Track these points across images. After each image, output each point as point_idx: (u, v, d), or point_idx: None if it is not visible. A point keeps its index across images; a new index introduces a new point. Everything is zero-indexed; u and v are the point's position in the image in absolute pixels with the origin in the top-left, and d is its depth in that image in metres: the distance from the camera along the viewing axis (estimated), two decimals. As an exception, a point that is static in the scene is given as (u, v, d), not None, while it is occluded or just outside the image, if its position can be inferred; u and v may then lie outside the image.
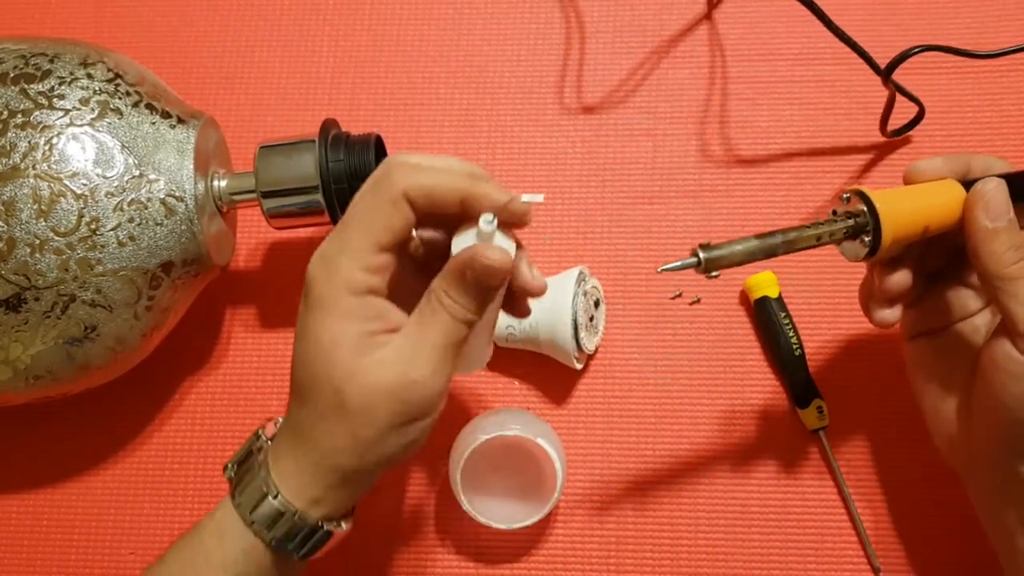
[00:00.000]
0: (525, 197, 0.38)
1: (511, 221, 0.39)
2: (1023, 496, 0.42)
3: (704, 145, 0.60)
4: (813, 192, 0.59)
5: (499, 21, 0.64)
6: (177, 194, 0.49)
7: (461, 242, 0.39)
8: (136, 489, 0.56)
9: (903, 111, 0.57)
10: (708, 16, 0.63)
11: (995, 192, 0.40)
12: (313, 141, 0.51)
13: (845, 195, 0.42)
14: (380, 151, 0.54)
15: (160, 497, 0.56)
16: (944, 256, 0.46)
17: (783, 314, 0.55)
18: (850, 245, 0.42)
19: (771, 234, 0.39)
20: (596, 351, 0.56)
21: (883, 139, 0.58)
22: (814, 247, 0.41)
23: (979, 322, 0.45)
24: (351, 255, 0.37)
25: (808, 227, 0.40)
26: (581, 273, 0.53)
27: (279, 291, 0.59)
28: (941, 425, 0.46)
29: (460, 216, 0.39)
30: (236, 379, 0.58)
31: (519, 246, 0.40)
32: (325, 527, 0.40)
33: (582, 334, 0.52)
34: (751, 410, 0.55)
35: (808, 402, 0.54)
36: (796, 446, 0.54)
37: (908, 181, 0.44)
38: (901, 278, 0.43)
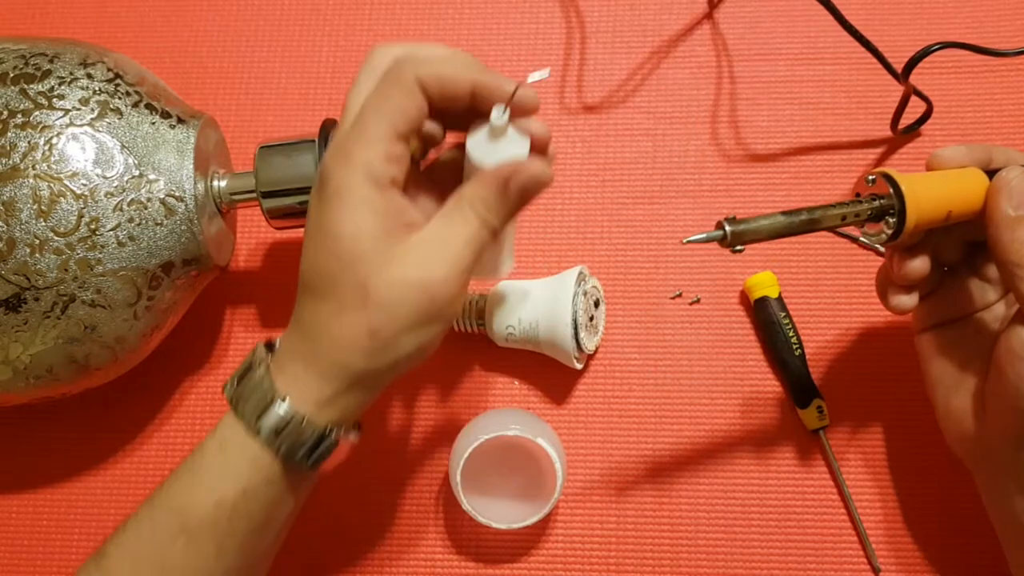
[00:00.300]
0: (532, 76, 0.38)
1: (522, 109, 0.38)
2: None
3: (704, 145, 0.60)
4: (813, 192, 0.59)
5: (499, 21, 0.64)
6: (177, 194, 0.49)
7: (478, 141, 0.38)
8: (136, 489, 0.56)
9: (910, 109, 0.56)
10: (709, 16, 0.63)
11: (1020, 180, 0.41)
12: (313, 141, 0.51)
13: (871, 177, 0.42)
14: (380, 151, 0.54)
15: (160, 497, 0.56)
16: (959, 248, 0.46)
17: (783, 314, 0.55)
18: (873, 227, 0.42)
19: (797, 211, 0.39)
20: (596, 351, 0.56)
21: (882, 137, 0.58)
22: (838, 227, 0.41)
23: (994, 314, 0.46)
24: (369, 143, 0.36)
25: (833, 206, 0.40)
26: (581, 273, 0.53)
27: (279, 291, 0.59)
28: (952, 417, 0.46)
29: (465, 108, 0.38)
30: (236, 379, 0.58)
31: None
32: (333, 434, 0.39)
33: (582, 334, 0.52)
34: (751, 410, 0.55)
35: (808, 402, 0.54)
36: (796, 446, 0.54)
37: (930, 168, 0.44)
38: (920, 264, 0.44)
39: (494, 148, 0.38)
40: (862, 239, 0.57)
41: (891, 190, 0.41)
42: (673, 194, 0.59)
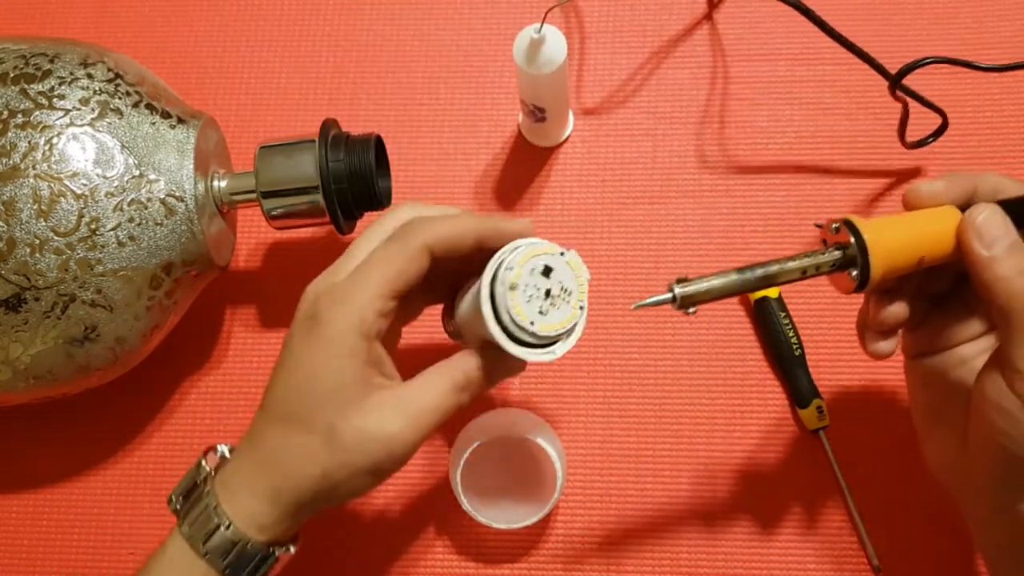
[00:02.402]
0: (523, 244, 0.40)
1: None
2: (1020, 533, 0.40)
3: (704, 145, 0.60)
4: (813, 192, 0.59)
5: (499, 21, 0.64)
6: (177, 194, 0.49)
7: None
8: (136, 489, 0.56)
9: (924, 119, 0.56)
10: (708, 17, 0.63)
11: (987, 219, 0.38)
12: (313, 141, 0.51)
13: (835, 225, 0.40)
14: (380, 151, 0.54)
15: (160, 497, 0.56)
16: (949, 278, 0.43)
17: (783, 314, 0.55)
18: (839, 278, 0.40)
19: (751, 268, 0.38)
20: (567, 332, 0.40)
21: (883, 137, 0.58)
22: (799, 280, 0.39)
23: (980, 346, 0.43)
24: (367, 297, 0.38)
25: (793, 260, 0.39)
26: (516, 245, 0.40)
27: (279, 291, 0.59)
28: (935, 447, 0.44)
29: (469, 255, 0.41)
30: (236, 379, 0.58)
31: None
32: (275, 552, 0.41)
33: (514, 311, 0.38)
34: (751, 410, 0.55)
35: (808, 402, 0.54)
36: (796, 446, 0.54)
37: (907, 205, 0.41)
38: (897, 310, 0.42)
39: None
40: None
41: (853, 240, 0.39)
42: (673, 194, 0.59)
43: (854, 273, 0.39)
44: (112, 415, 0.57)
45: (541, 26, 0.50)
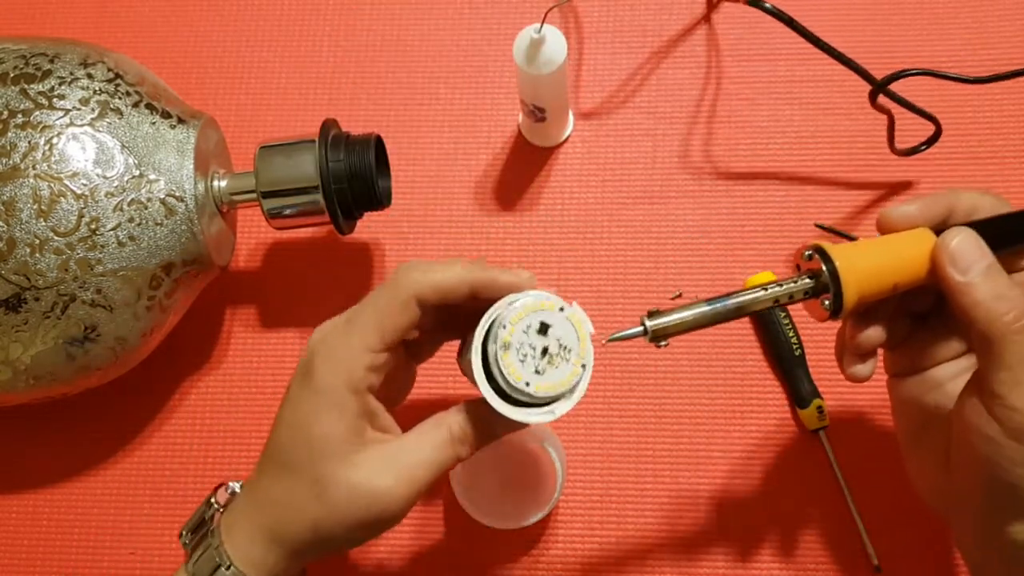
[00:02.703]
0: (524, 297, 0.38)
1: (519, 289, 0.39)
2: (1010, 555, 0.39)
3: (704, 145, 0.60)
4: (813, 192, 0.59)
5: (499, 21, 0.64)
6: (177, 194, 0.49)
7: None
8: (136, 489, 0.56)
9: (919, 124, 0.56)
10: (707, 17, 0.63)
11: (960, 244, 0.37)
12: (313, 141, 0.51)
13: (807, 252, 0.39)
14: (380, 151, 0.54)
15: (160, 497, 0.56)
16: (930, 297, 0.42)
17: (783, 314, 0.55)
18: (813, 306, 0.39)
19: (723, 298, 0.38)
20: (572, 390, 0.38)
21: (884, 136, 0.58)
22: (772, 308, 0.39)
23: (962, 366, 0.42)
24: (357, 351, 0.38)
25: (764, 288, 0.38)
26: (518, 298, 0.38)
27: (279, 291, 0.59)
28: (920, 469, 0.43)
29: (465, 304, 0.40)
30: (236, 379, 0.58)
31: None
32: None
33: (503, 364, 0.36)
34: (751, 410, 0.55)
35: (808, 402, 0.54)
36: (796, 446, 0.54)
37: (881, 228, 0.40)
38: (873, 334, 0.41)
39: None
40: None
41: (824, 268, 0.38)
42: (673, 194, 0.59)
43: (827, 302, 0.38)
44: (112, 415, 0.57)
45: (541, 26, 0.50)
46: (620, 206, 0.59)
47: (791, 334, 0.54)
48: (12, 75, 0.48)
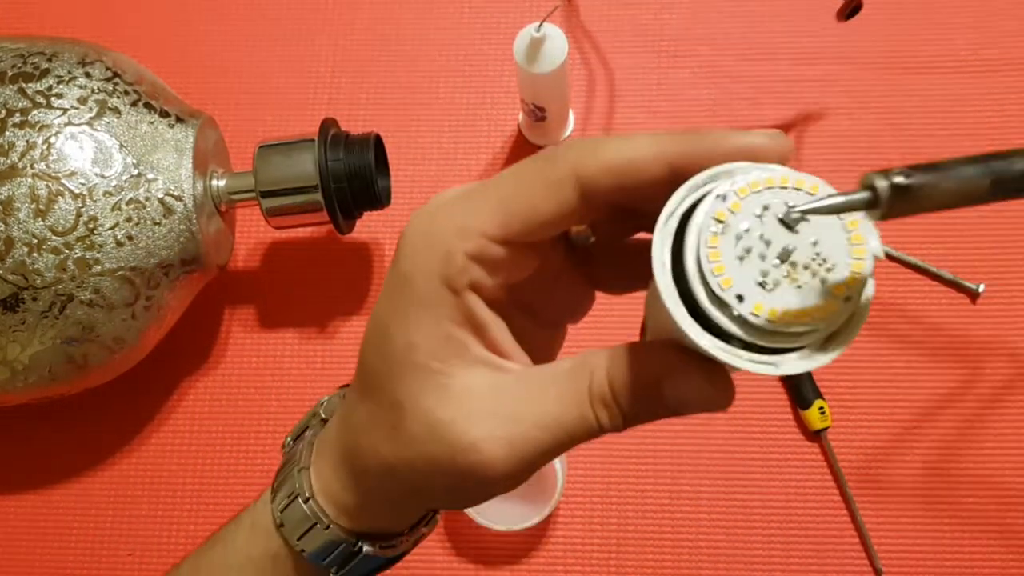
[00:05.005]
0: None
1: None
2: None
3: (705, 145, 0.60)
4: (814, 192, 0.58)
5: (499, 21, 0.64)
6: (175, 193, 0.49)
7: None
8: (134, 489, 0.56)
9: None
10: (708, 16, 0.62)
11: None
12: (312, 140, 0.51)
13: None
14: (380, 150, 0.54)
15: (158, 497, 0.56)
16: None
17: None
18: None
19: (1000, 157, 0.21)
20: (823, 337, 0.23)
21: (884, 136, 0.58)
22: None
23: None
24: (461, 232, 0.26)
25: None
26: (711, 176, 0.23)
27: (278, 291, 0.59)
28: None
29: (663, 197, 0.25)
30: (235, 379, 0.57)
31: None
32: (365, 549, 0.31)
33: (718, 267, 0.22)
34: (753, 411, 0.55)
35: (810, 403, 0.53)
36: (798, 447, 0.54)
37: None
38: None
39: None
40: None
41: None
42: (674, 194, 0.59)
43: None
44: (110, 415, 0.57)
45: (541, 25, 0.50)
46: (620, 206, 0.59)
47: (792, 334, 0.54)
48: (10, 74, 0.47)
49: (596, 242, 0.29)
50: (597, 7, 0.63)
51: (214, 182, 0.52)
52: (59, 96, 0.47)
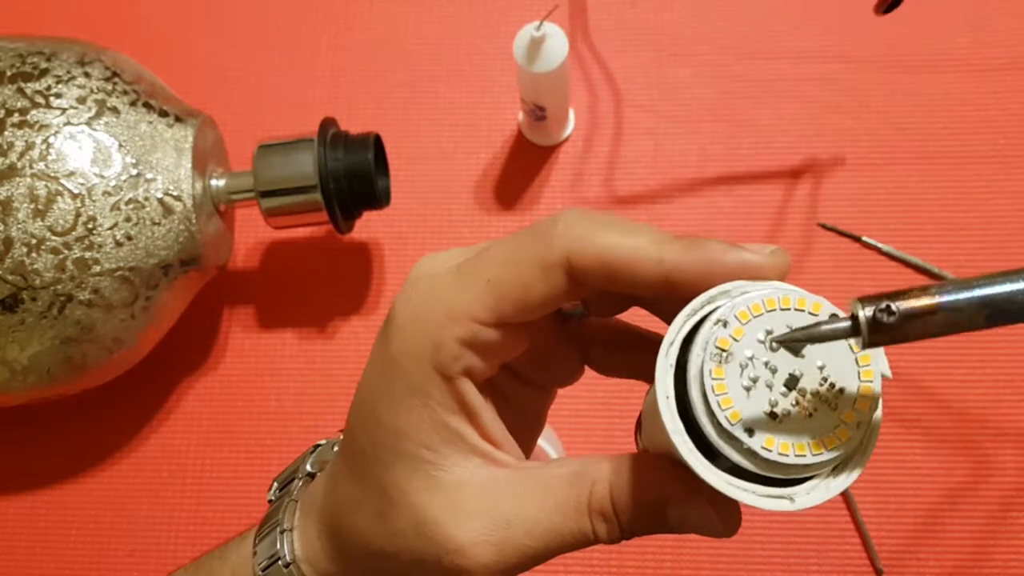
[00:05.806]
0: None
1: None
2: None
3: (705, 144, 0.60)
4: (814, 191, 0.58)
5: (499, 20, 0.63)
6: (175, 193, 0.49)
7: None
8: (134, 489, 0.56)
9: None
10: (709, 15, 0.62)
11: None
12: (312, 140, 0.51)
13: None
14: (379, 150, 0.54)
15: (158, 498, 0.56)
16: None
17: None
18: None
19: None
20: (834, 465, 0.23)
21: (885, 135, 0.58)
22: None
23: None
24: (451, 314, 0.25)
25: None
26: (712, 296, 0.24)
27: (277, 291, 0.59)
28: None
29: (658, 302, 0.26)
30: (234, 379, 0.57)
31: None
32: None
33: (725, 400, 0.21)
34: (752, 411, 0.55)
35: (810, 403, 0.53)
36: (798, 447, 0.54)
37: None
38: None
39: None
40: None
41: None
42: (674, 193, 0.59)
43: None
44: (109, 416, 0.57)
45: (541, 24, 0.50)
46: (620, 205, 0.59)
47: (793, 334, 0.54)
48: (9, 74, 0.47)
49: (588, 316, 0.29)
50: (598, 5, 0.63)
51: (213, 182, 0.52)
52: (58, 96, 0.47)
